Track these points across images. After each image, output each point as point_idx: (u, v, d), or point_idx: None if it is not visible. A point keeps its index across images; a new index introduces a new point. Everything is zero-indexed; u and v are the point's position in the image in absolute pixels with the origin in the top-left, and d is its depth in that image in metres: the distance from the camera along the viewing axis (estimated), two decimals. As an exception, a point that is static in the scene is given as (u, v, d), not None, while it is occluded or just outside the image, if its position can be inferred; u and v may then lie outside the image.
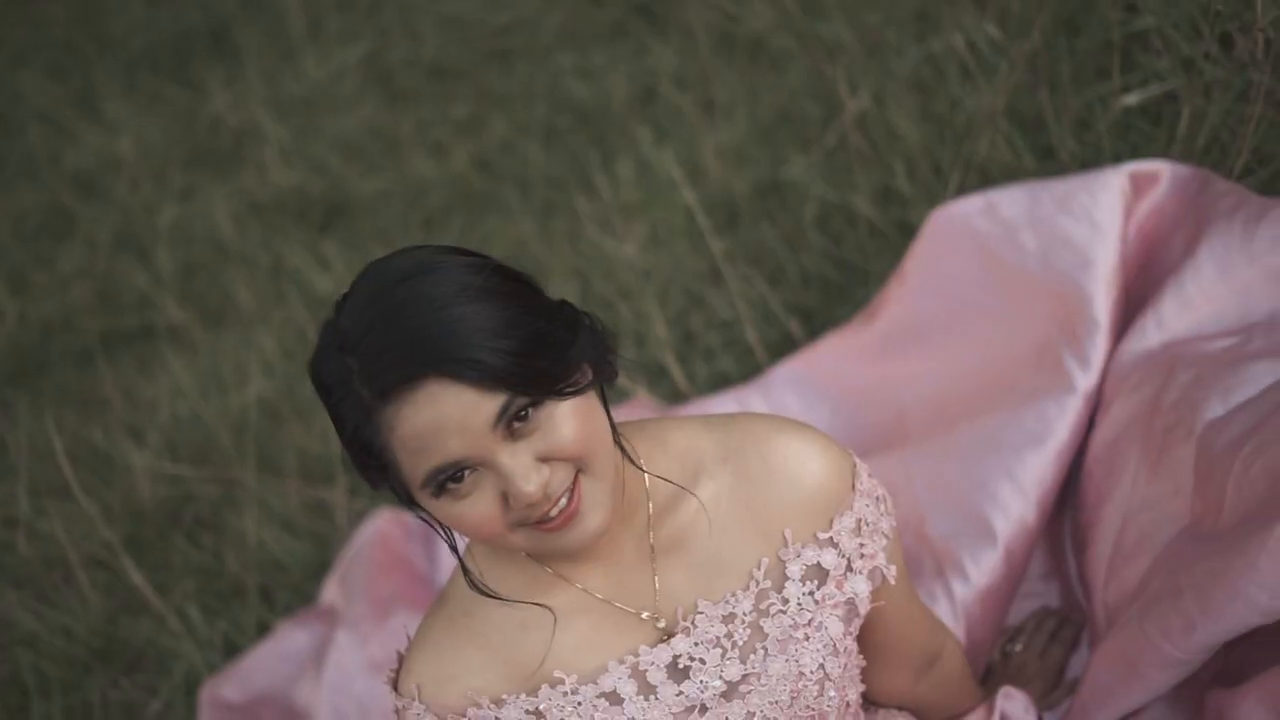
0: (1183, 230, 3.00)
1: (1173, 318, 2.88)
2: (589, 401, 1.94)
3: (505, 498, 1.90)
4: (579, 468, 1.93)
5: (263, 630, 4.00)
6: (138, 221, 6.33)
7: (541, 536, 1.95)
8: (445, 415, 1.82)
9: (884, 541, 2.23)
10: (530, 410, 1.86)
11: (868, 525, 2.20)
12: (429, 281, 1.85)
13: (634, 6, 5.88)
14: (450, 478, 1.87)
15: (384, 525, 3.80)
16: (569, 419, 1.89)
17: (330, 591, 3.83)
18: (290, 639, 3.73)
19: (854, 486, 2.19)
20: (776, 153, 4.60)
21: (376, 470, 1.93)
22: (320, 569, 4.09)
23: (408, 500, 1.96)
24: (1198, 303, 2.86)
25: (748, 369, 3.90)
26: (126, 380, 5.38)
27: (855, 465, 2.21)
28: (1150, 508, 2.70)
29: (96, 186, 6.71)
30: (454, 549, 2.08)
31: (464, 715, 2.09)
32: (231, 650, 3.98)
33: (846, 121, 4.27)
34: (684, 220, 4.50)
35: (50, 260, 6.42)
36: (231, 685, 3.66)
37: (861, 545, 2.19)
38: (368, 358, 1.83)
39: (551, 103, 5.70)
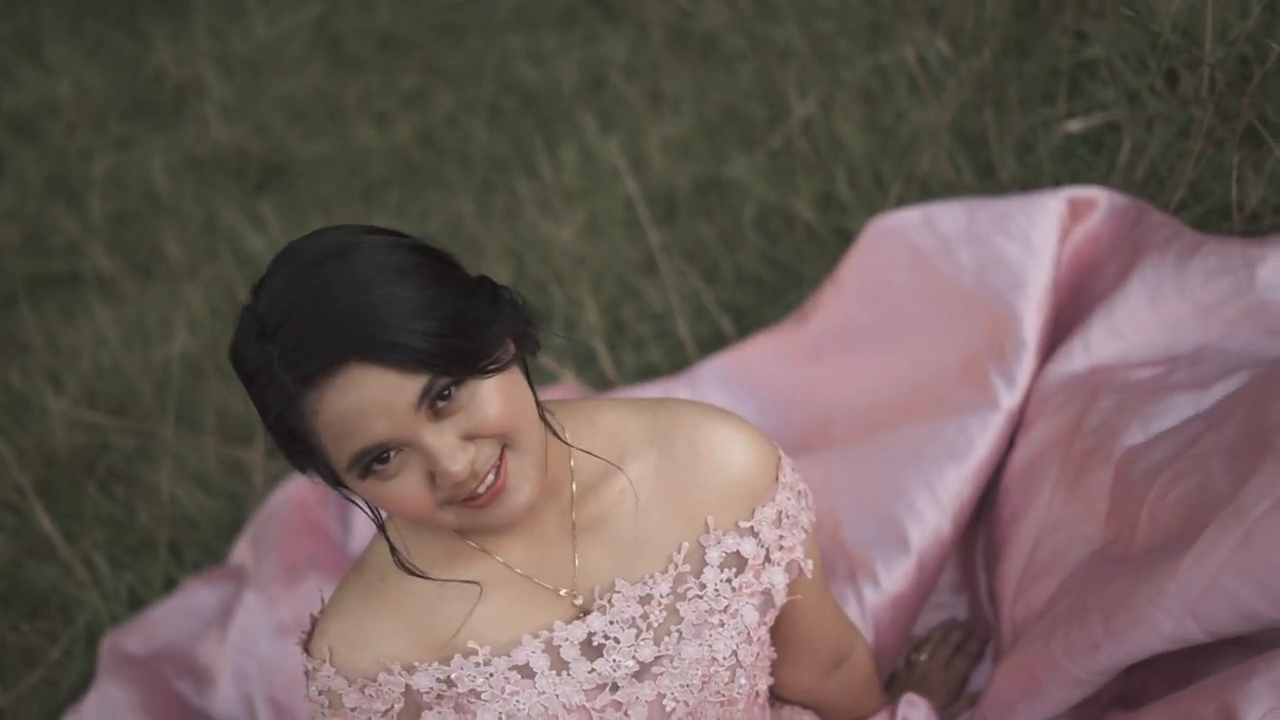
0: (1116, 258, 3.03)
1: (1100, 344, 2.92)
2: (512, 377, 1.95)
3: (432, 477, 1.91)
4: (505, 443, 1.94)
5: (170, 586, 3.98)
6: (71, 167, 6.28)
7: (470, 513, 1.96)
8: (367, 399, 1.82)
9: (803, 535, 2.26)
10: (453, 389, 1.87)
11: (788, 518, 2.22)
12: (346, 263, 1.84)
13: (591, -8, 5.91)
14: (376, 459, 1.87)
15: (300, 489, 3.78)
16: (493, 396, 1.90)
17: (240, 552, 3.81)
18: (197, 596, 3.71)
19: (777, 479, 2.21)
20: (720, 150, 4.62)
21: (302, 454, 1.93)
22: (232, 528, 4.07)
23: (335, 482, 1.96)
24: (1125, 331, 2.89)
25: (677, 362, 3.91)
26: (49, 325, 5.33)
27: (780, 458, 2.24)
28: (1064, 528, 2.74)
29: (32, 129, 6.64)
30: (380, 526, 2.09)
31: (374, 680, 2.10)
32: (136, 603, 3.96)
33: (793, 125, 4.29)
34: (623, 210, 4.51)
35: (-22, 199, 6.36)
36: (134, 638, 3.63)
37: (781, 537, 2.22)
38: (288, 344, 1.82)
39: (499, 83, 5.69)
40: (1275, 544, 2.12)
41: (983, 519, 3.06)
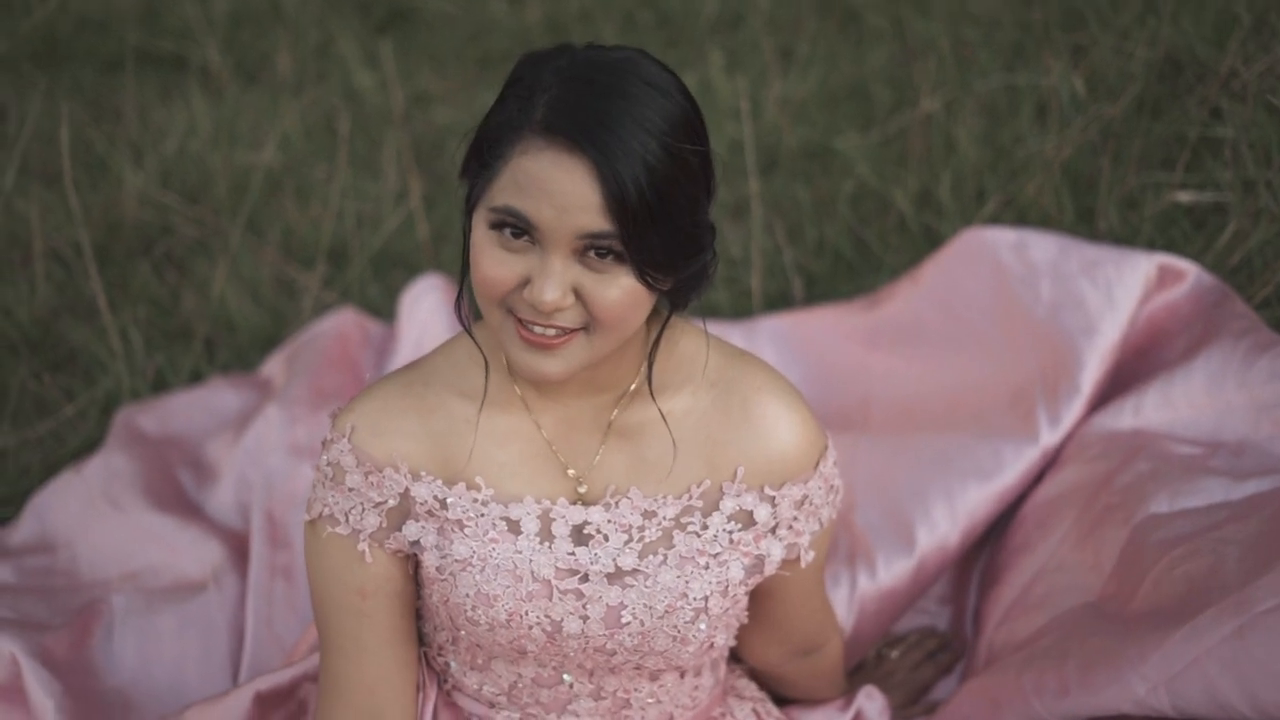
0: (1188, 333, 3.06)
1: (1151, 410, 2.95)
2: (647, 296, 2.02)
3: (524, 281, 1.99)
4: (588, 326, 2.02)
5: (196, 378, 4.03)
6: (204, -46, 6.30)
7: (511, 332, 2.05)
8: (563, 190, 1.92)
9: (817, 528, 2.32)
10: (612, 257, 1.96)
11: (810, 505, 2.29)
12: (659, 104, 1.95)
13: (751, -66, 5.90)
14: (514, 226, 1.97)
15: (346, 324, 3.82)
16: (622, 291, 1.99)
17: (272, 366, 3.85)
18: (219, 395, 3.76)
19: (816, 466, 2.27)
20: (835, 122, 4.64)
21: (478, 164, 2.03)
22: (269, 342, 4.11)
23: (470, 205, 2.05)
24: (1179, 405, 2.92)
25: (740, 309, 3.94)
26: (145, 101, 5.37)
27: (826, 449, 2.30)
28: (1066, 571, 2.78)
29: (170, -94, 6.65)
30: (458, 302, 2.17)
31: (380, 471, 2.20)
32: (159, 386, 4.01)
33: (913, 118, 4.31)
34: (727, 151, 4.53)
35: (104, -39, 6.37)
36: (150, 417, 3.68)
37: (795, 519, 2.28)
38: (566, 96, 1.94)
39: (641, -7, 5.72)
40: (1267, 644, 2.16)
41: (989, 542, 3.11)
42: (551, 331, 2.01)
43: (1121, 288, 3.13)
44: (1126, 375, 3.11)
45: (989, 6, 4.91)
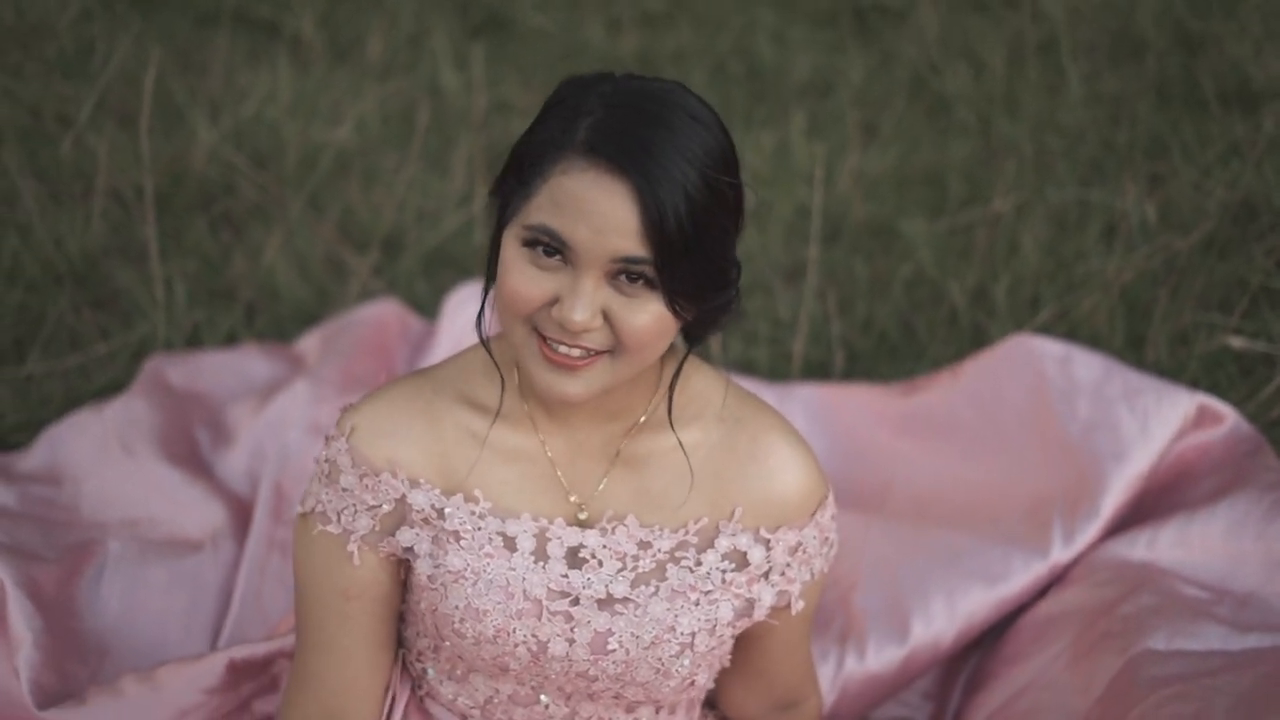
0: (1216, 477, 3.05)
1: (1165, 545, 2.94)
2: (673, 324, 2.04)
3: (554, 300, 2.00)
4: (613, 350, 2.03)
5: (230, 340, 4.05)
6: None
7: (534, 350, 2.05)
8: (601, 211, 1.94)
9: (808, 578, 2.32)
10: (643, 283, 1.97)
11: (804, 553, 2.29)
12: (700, 136, 1.97)
13: (860, 7, 5.92)
14: (548, 246, 1.98)
15: (387, 314, 3.82)
16: (649, 317, 2.00)
17: (308, 342, 3.85)
18: (251, 361, 3.76)
19: (813, 515, 2.28)
20: (905, 205, 4.65)
21: (514, 181, 2.03)
22: (310, 319, 4.12)
23: (502, 222, 2.05)
24: (1194, 546, 2.91)
25: (778, 372, 3.94)
26: (232, 60, 5.41)
27: (826, 500, 2.31)
28: (1054, 690, 2.76)
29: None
30: (479, 316, 2.17)
31: (376, 475, 2.20)
32: (194, 341, 4.03)
33: (983, 215, 4.31)
34: (792, 213, 4.55)
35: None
36: (178, 371, 3.68)
37: (788, 566, 2.28)
38: (609, 119, 1.95)
39: (736, 46, 5.74)
40: (1242, 798, 2.15)
41: (982, 646, 3.09)
42: (577, 352, 2.02)
43: (1158, 420, 3.13)
44: (1148, 507, 3.10)
45: (1076, 119, 4.93)
